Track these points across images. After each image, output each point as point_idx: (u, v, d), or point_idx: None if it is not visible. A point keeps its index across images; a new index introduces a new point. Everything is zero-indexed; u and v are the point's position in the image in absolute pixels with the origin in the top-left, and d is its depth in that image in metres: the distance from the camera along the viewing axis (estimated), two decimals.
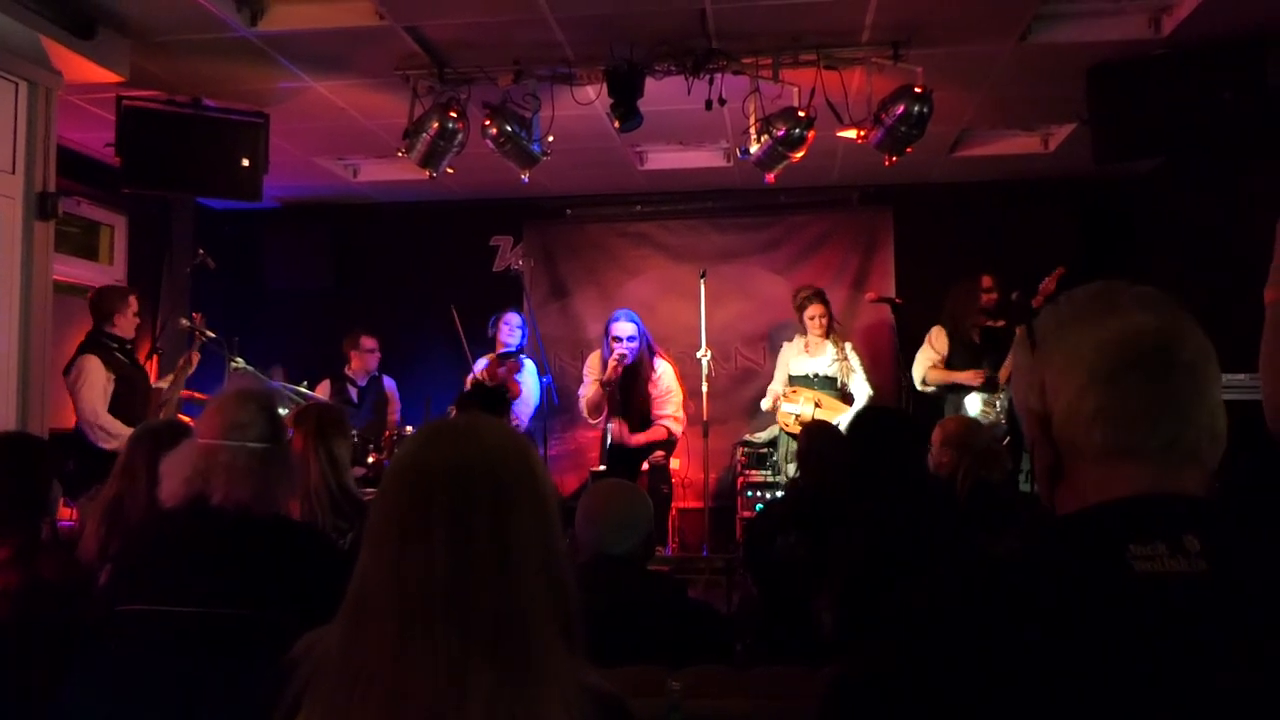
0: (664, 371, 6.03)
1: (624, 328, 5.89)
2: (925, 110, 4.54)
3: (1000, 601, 0.93)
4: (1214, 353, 1.02)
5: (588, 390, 6.05)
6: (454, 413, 4.99)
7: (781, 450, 6.13)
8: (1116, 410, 0.98)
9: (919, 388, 5.93)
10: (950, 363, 5.88)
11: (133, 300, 5.18)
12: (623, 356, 5.78)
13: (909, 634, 0.97)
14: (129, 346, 5.20)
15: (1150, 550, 0.91)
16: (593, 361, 6.14)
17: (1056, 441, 1.02)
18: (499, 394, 4.79)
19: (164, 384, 5.34)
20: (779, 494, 5.96)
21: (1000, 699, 0.89)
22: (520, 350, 6.33)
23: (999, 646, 0.90)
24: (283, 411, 2.41)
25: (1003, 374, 5.67)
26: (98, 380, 4.91)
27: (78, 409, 4.92)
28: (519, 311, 6.44)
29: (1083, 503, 1.00)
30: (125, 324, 5.13)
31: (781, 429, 6.06)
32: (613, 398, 5.90)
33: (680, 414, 6.04)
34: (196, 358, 5.40)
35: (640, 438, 5.94)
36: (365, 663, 1.11)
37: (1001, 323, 5.84)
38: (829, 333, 6.13)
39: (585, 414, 6.12)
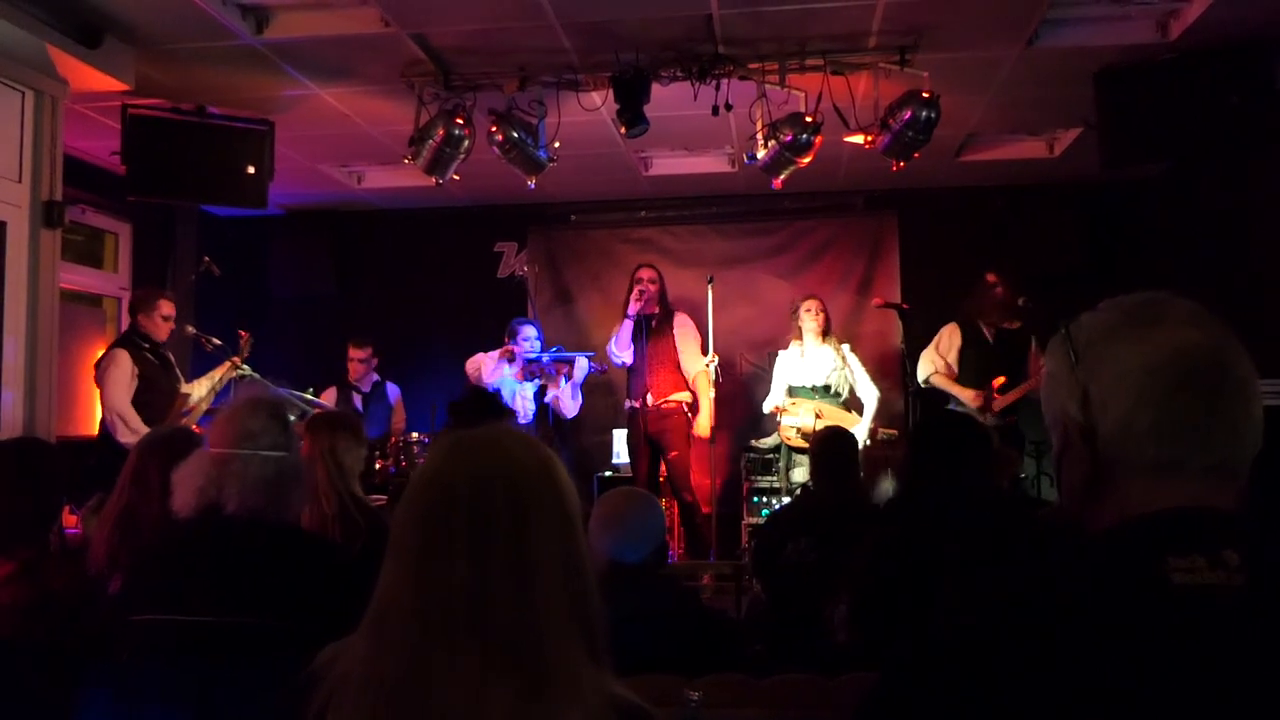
0: (685, 322, 6.26)
1: (646, 271, 6.18)
2: (932, 115, 4.53)
3: (1039, 614, 0.92)
4: (1255, 369, 1.01)
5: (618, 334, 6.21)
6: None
7: (784, 459, 6.10)
8: (1172, 427, 0.98)
9: (920, 383, 5.87)
10: (963, 360, 5.84)
11: (162, 304, 5.24)
12: (642, 292, 6.07)
13: (945, 648, 0.96)
14: (162, 350, 5.26)
15: (1189, 563, 0.91)
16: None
17: (1100, 453, 1.01)
18: (496, 400, 4.77)
19: (192, 390, 5.34)
20: (785, 499, 5.93)
21: (1037, 711, 0.88)
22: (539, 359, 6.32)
23: (1037, 659, 0.89)
24: (291, 419, 2.40)
25: (998, 403, 5.64)
26: (124, 373, 5.02)
27: (103, 398, 5.03)
28: (534, 322, 6.41)
29: (1123, 515, 0.99)
30: (151, 325, 5.20)
31: (784, 443, 6.02)
32: (637, 335, 6.10)
33: (699, 363, 6.09)
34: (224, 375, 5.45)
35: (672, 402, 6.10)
36: (386, 675, 1.10)
37: (1017, 324, 5.80)
38: (825, 335, 6.09)
39: (614, 351, 6.21)
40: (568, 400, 6.20)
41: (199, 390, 5.37)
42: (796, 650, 2.90)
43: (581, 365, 6.28)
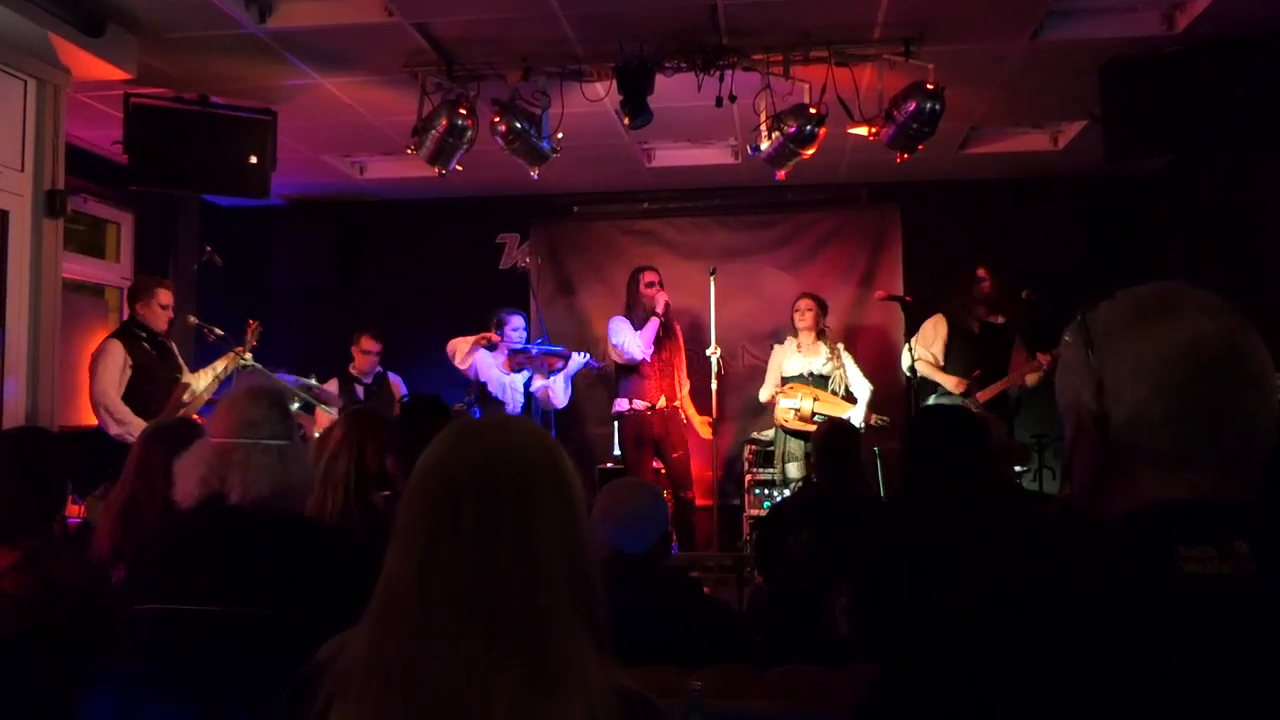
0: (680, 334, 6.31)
1: (652, 275, 6.17)
2: (937, 107, 4.52)
3: (1047, 604, 0.92)
4: (1271, 361, 1.00)
5: (637, 335, 6.10)
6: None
7: (778, 449, 6.13)
8: (1185, 417, 0.97)
9: (906, 372, 5.87)
10: (948, 352, 5.88)
11: (160, 293, 5.16)
12: (661, 305, 6.08)
13: (951, 643, 0.95)
14: (160, 339, 5.19)
15: (1199, 552, 0.90)
16: (617, 323, 6.24)
17: (1114, 442, 1.00)
18: (439, 403, 4.75)
19: (195, 380, 5.31)
20: (786, 492, 5.95)
21: (1046, 702, 0.87)
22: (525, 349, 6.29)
23: (1045, 650, 0.89)
24: (293, 408, 2.40)
25: (983, 395, 5.67)
26: (114, 364, 4.93)
27: (90, 390, 4.96)
28: (522, 313, 6.39)
29: (1133, 504, 0.99)
30: (148, 314, 5.13)
31: (780, 426, 6.04)
32: (658, 337, 6.11)
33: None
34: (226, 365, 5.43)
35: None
36: (391, 663, 1.10)
37: (1001, 319, 5.84)
38: (819, 333, 6.11)
39: (638, 346, 6.08)
40: (559, 392, 6.19)
41: (202, 380, 5.33)
42: (798, 641, 2.91)
43: (577, 360, 6.26)
